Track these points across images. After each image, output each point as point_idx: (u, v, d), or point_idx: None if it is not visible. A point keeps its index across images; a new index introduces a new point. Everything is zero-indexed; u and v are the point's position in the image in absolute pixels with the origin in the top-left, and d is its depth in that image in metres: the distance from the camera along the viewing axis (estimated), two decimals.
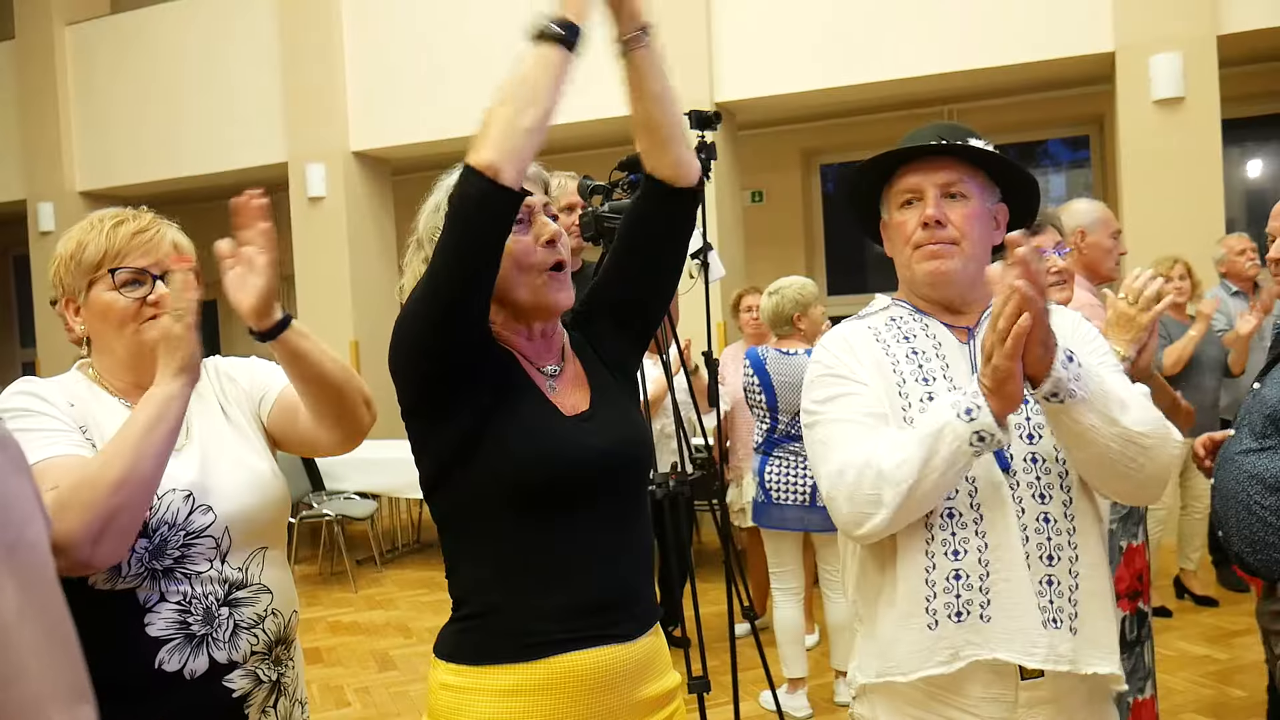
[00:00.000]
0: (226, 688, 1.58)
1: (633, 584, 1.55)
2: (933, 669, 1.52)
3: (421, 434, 1.52)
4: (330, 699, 4.52)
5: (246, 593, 1.62)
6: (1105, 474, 1.53)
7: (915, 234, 1.64)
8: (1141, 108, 6.31)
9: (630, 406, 1.66)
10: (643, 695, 1.53)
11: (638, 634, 1.53)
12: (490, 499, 1.46)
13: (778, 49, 7.24)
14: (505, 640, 1.46)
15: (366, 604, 6.14)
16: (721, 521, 3.57)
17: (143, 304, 1.60)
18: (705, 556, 6.38)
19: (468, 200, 1.37)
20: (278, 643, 1.66)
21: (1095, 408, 1.46)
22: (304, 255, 8.65)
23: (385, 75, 8.28)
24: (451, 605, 1.56)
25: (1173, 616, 4.96)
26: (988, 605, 1.52)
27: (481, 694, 1.46)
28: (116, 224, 1.62)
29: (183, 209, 9.81)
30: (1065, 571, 1.55)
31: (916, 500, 1.49)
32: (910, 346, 1.67)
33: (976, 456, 1.48)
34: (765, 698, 3.94)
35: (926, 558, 1.55)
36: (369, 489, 6.76)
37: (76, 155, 9.55)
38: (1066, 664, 1.52)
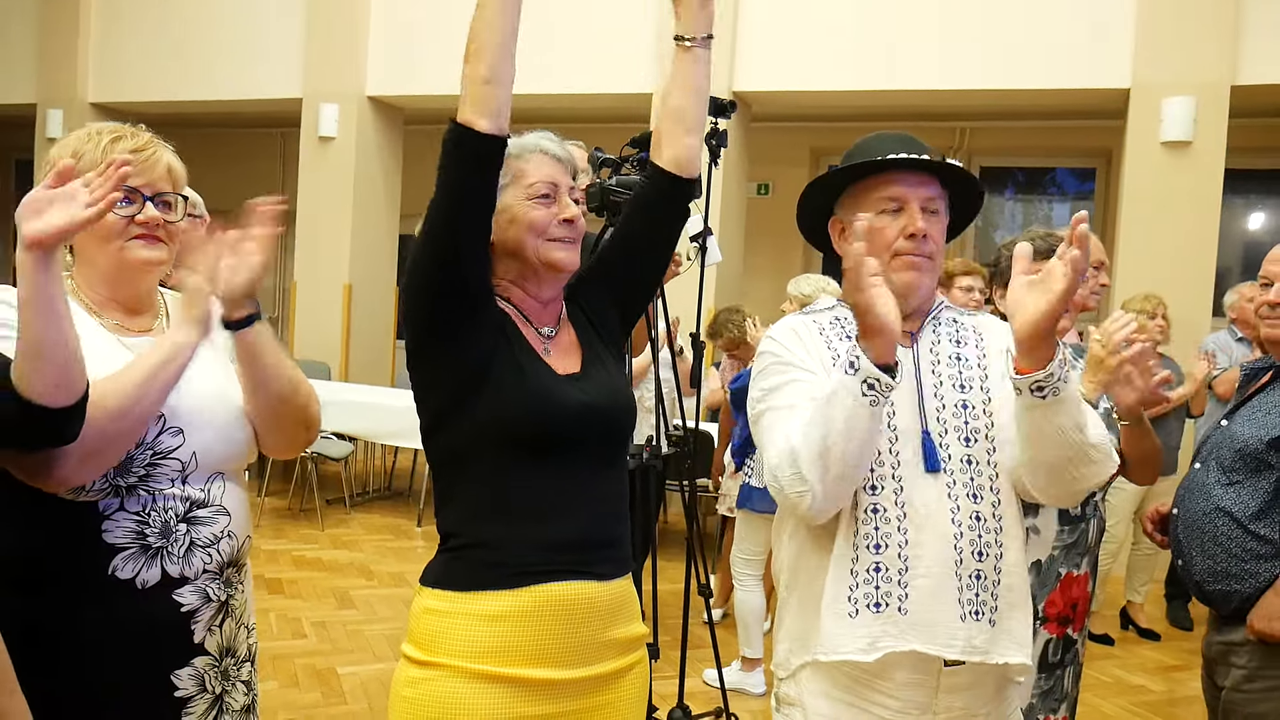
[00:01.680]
0: (176, 601, 1.62)
1: (610, 530, 1.67)
2: (852, 654, 1.60)
3: (425, 378, 1.64)
4: (287, 629, 4.61)
5: (206, 512, 1.65)
6: (1050, 475, 1.64)
7: (898, 242, 1.69)
8: (1149, 147, 6.39)
9: (617, 373, 1.77)
10: (613, 635, 1.64)
11: (614, 575, 1.65)
12: (484, 443, 1.58)
13: (800, 46, 7.28)
14: (491, 570, 1.57)
15: (331, 542, 6.22)
16: (689, 500, 3.66)
17: (130, 222, 1.61)
18: (672, 536, 6.48)
19: (447, 150, 1.53)
20: (229, 564, 1.70)
21: (1070, 412, 1.55)
22: (308, 194, 8.66)
23: (408, 23, 8.28)
24: (440, 539, 1.66)
25: (1114, 645, 5.09)
26: (906, 599, 1.60)
27: (465, 617, 1.56)
28: (114, 139, 1.63)
29: (192, 132, 9.81)
30: (991, 567, 1.64)
31: (835, 465, 1.54)
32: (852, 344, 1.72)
33: (875, 406, 1.54)
34: (710, 675, 4.05)
35: (851, 549, 1.63)
36: (347, 431, 6.82)
37: (91, 66, 9.51)
38: (979, 655, 1.62)
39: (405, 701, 1.59)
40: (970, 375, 1.73)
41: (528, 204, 1.65)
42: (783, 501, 1.65)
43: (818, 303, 1.87)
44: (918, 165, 1.72)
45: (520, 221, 1.65)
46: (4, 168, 12.41)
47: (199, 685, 1.67)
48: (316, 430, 1.81)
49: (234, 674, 1.74)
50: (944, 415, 1.69)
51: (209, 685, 1.68)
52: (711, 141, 3.61)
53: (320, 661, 4.26)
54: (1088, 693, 4.38)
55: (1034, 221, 9.08)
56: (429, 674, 1.57)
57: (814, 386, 1.66)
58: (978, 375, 1.73)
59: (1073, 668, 2.57)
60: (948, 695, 1.63)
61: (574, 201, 1.70)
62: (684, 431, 3.57)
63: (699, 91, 1.73)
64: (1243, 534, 2.14)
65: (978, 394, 1.71)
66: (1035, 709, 2.50)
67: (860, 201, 1.74)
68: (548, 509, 1.59)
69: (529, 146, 1.68)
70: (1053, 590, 2.49)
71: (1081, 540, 2.53)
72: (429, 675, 1.57)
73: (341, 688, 4.00)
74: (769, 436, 1.67)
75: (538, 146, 1.68)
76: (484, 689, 1.54)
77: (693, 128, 1.74)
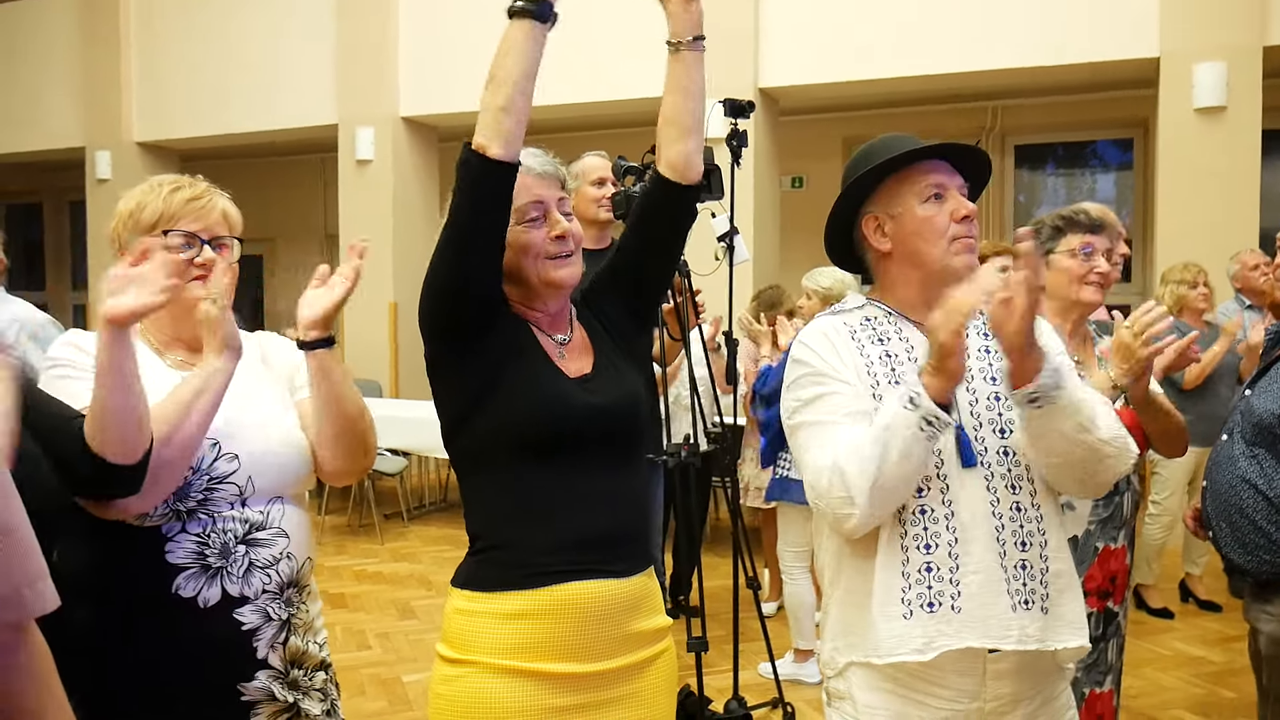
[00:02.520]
0: (237, 620, 1.70)
1: (628, 526, 1.72)
2: (908, 655, 1.62)
3: (443, 385, 1.71)
4: (352, 642, 4.74)
5: (265, 534, 1.74)
6: (1063, 475, 1.68)
7: (953, 228, 1.71)
8: (1183, 114, 6.32)
9: (629, 371, 1.82)
10: (634, 629, 1.70)
11: (631, 572, 1.70)
12: (500, 446, 1.66)
13: (824, 38, 7.29)
14: (512, 570, 1.64)
15: (391, 556, 6.37)
16: (731, 497, 3.72)
17: (190, 264, 1.72)
18: (721, 533, 6.53)
19: (460, 171, 1.60)
20: (289, 585, 1.77)
21: (1069, 416, 1.59)
22: (349, 216, 8.85)
23: (437, 43, 8.42)
24: (469, 541, 1.73)
25: (1174, 619, 5.05)
26: (958, 596, 1.62)
27: (490, 617, 1.64)
28: (174, 189, 1.76)
29: (235, 163, 10.06)
30: (1037, 556, 1.66)
31: (885, 493, 1.59)
32: (884, 349, 1.74)
33: (931, 440, 1.58)
34: (764, 668, 4.10)
35: (901, 551, 1.64)
36: (400, 446, 6.95)
37: (135, 106, 9.79)
38: (1035, 643, 1.64)
39: (441, 699, 1.67)
40: (1001, 367, 1.73)
41: (519, 228, 1.70)
42: (824, 516, 1.68)
43: (846, 301, 1.86)
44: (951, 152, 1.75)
45: (515, 246, 1.70)
46: (58, 209, 12.80)
47: (267, 695, 1.75)
48: (373, 457, 1.89)
49: (305, 684, 1.81)
50: (978, 409, 1.71)
51: (278, 695, 1.76)
52: (732, 142, 3.67)
53: (385, 671, 4.38)
54: (1147, 667, 4.37)
55: (1078, 195, 9.00)
56: (460, 671, 1.64)
57: (850, 400, 1.68)
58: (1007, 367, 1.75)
59: (1115, 640, 2.59)
60: (995, 682, 1.66)
61: (565, 214, 1.74)
62: (722, 428, 3.63)
63: (690, 94, 1.74)
64: (1267, 506, 2.16)
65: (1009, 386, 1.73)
66: (1080, 683, 2.52)
67: (896, 195, 1.75)
68: (562, 509, 1.65)
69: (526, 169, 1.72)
70: (1091, 565, 2.52)
71: (1117, 514, 2.54)
72: (461, 672, 1.64)
73: (406, 695, 4.12)
74: (809, 453, 1.68)
75: (522, 167, 1.69)
76: (512, 683, 1.61)
77: (687, 131, 1.75)
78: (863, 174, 1.76)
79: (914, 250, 1.74)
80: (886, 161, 1.74)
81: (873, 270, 1.85)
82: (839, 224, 1.84)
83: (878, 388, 1.69)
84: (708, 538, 6.37)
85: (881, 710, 1.69)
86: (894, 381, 1.70)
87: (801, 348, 1.77)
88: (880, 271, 1.82)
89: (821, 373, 1.72)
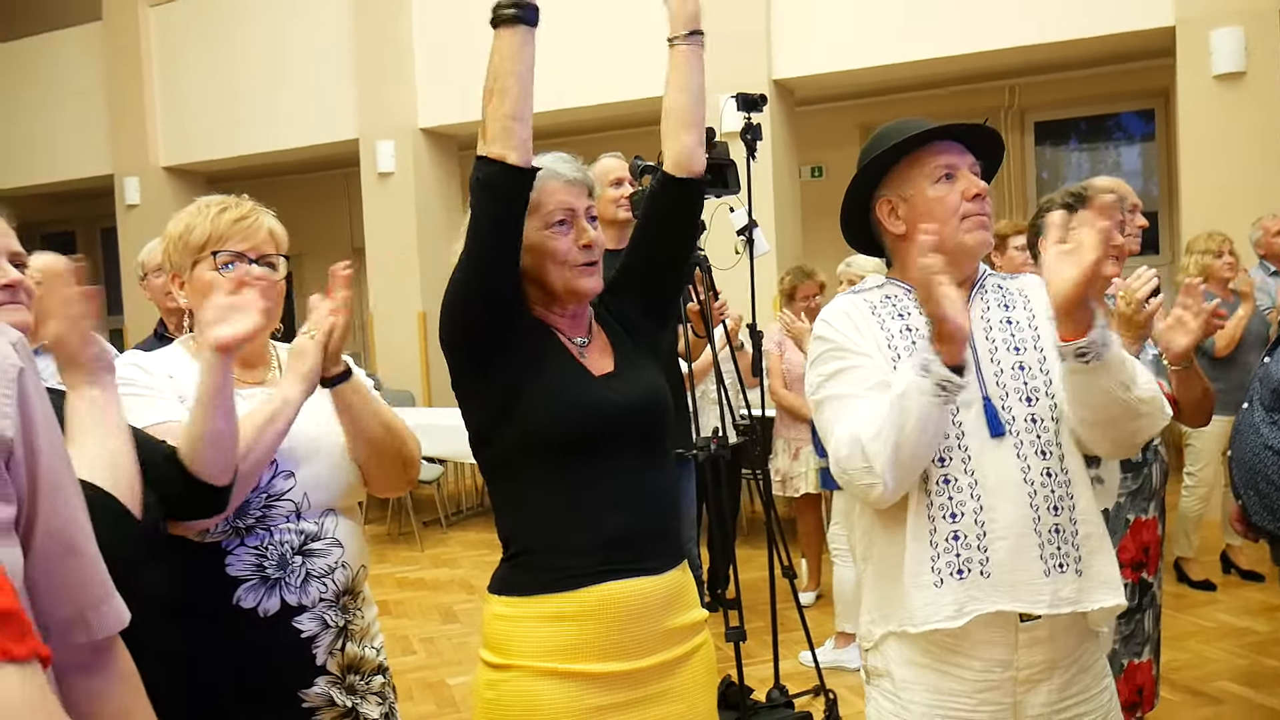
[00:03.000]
0: (295, 628, 1.75)
1: (659, 523, 1.75)
2: (941, 623, 1.65)
3: (468, 395, 1.74)
4: (397, 647, 4.81)
5: (320, 545, 1.79)
6: (1100, 433, 1.69)
7: (964, 206, 1.75)
8: (1202, 82, 6.26)
9: (650, 368, 1.84)
10: (671, 625, 1.73)
11: (664, 569, 1.73)
12: (530, 450, 1.68)
13: (836, 26, 7.29)
14: (548, 574, 1.67)
15: (432, 562, 6.45)
16: (762, 488, 3.75)
17: (240, 284, 1.76)
18: (756, 525, 6.55)
19: (481, 184, 1.62)
20: (345, 593, 1.83)
21: (1114, 374, 1.61)
22: (374, 229, 8.96)
23: (448, 53, 8.49)
24: (502, 547, 1.76)
25: (1217, 590, 5.02)
26: (986, 562, 1.65)
27: (529, 620, 1.67)
28: (221, 211, 1.80)
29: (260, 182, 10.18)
30: (1068, 519, 1.69)
31: (904, 460, 1.62)
32: (904, 324, 1.78)
33: (947, 405, 1.61)
34: (805, 657, 4.12)
35: (929, 521, 1.68)
36: (435, 454, 7.00)
37: (160, 132, 9.96)
38: (1069, 606, 1.66)
39: (487, 703, 1.70)
40: (1023, 336, 1.77)
41: (546, 234, 1.73)
42: (850, 489, 1.72)
43: (866, 280, 1.90)
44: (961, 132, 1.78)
45: (540, 250, 1.73)
46: (90, 236, 13.02)
47: (326, 700, 1.80)
48: (417, 470, 1.94)
49: (362, 688, 1.86)
50: (1003, 379, 1.73)
51: (338, 700, 1.81)
52: (746, 136, 3.69)
53: (430, 675, 4.45)
54: (1191, 640, 4.35)
55: (1102, 169, 8.92)
56: (505, 675, 1.67)
57: (872, 372, 1.71)
58: (1030, 336, 1.77)
59: (1151, 610, 2.60)
60: (1027, 650, 1.68)
61: (591, 221, 1.77)
62: (751, 420, 3.66)
63: (688, 89, 1.77)
64: None
65: (1033, 354, 1.75)
66: (1118, 654, 2.53)
67: (908, 177, 1.79)
68: (592, 511, 1.67)
69: (543, 175, 1.73)
70: (1123, 536, 2.53)
71: (1146, 485, 2.56)
72: (505, 676, 1.67)
73: (453, 697, 4.18)
74: (832, 426, 1.72)
75: (552, 173, 1.74)
76: (557, 685, 1.64)
77: (687, 125, 1.77)
78: (873, 159, 1.80)
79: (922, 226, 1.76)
80: (897, 144, 1.77)
81: (890, 252, 1.89)
82: (854, 209, 1.88)
83: (899, 361, 1.72)
84: (743, 531, 6.40)
85: (917, 685, 1.72)
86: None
87: (824, 325, 1.81)
88: (897, 252, 1.86)
89: (843, 348, 1.75)
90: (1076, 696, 1.72)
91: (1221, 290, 4.82)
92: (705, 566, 4.85)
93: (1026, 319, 1.80)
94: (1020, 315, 1.80)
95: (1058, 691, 1.71)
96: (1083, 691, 1.73)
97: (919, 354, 1.62)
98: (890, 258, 1.90)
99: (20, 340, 0.97)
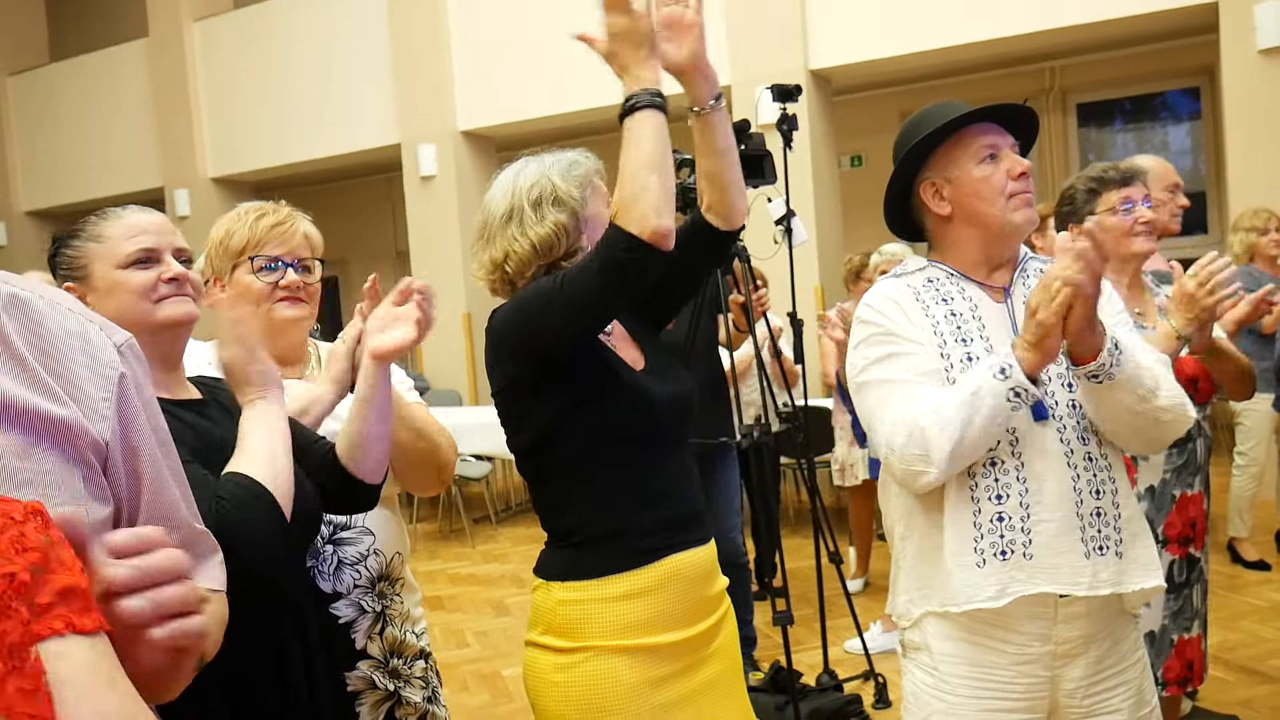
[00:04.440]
0: (333, 614, 1.81)
1: (696, 502, 1.84)
2: (982, 603, 1.68)
3: (523, 404, 1.77)
4: (452, 641, 4.91)
5: (350, 534, 1.86)
6: (1123, 438, 1.75)
7: (1010, 184, 1.77)
8: (1247, 57, 6.17)
9: (675, 363, 1.92)
10: (711, 592, 1.82)
11: (704, 541, 1.82)
12: (595, 446, 1.73)
13: (872, 14, 7.26)
14: (616, 555, 1.73)
15: (483, 558, 6.54)
16: (807, 475, 3.78)
17: (275, 287, 1.85)
18: (803, 514, 6.57)
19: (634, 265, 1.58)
20: (379, 579, 1.88)
21: (1128, 388, 1.65)
22: (417, 232, 9.08)
23: (489, 57, 8.60)
24: (556, 537, 1.80)
25: (1271, 570, 4.96)
26: (1029, 544, 1.68)
27: (602, 601, 1.72)
28: (259, 216, 1.87)
29: (305, 189, 10.34)
30: (1109, 503, 1.71)
31: (962, 455, 1.65)
32: (949, 308, 1.79)
33: (1014, 411, 1.64)
34: (852, 644, 4.14)
35: (972, 502, 1.70)
36: (483, 452, 7.11)
37: (207, 144, 10.18)
38: (1109, 587, 1.69)
39: (556, 687, 1.73)
40: None
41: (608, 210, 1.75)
42: (895, 473, 1.74)
43: (907, 264, 1.91)
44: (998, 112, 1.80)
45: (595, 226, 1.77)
46: None
47: (368, 684, 1.86)
48: (450, 473, 1.99)
49: (405, 672, 1.92)
50: None
51: (379, 683, 1.87)
52: (782, 127, 3.72)
53: (485, 666, 4.54)
54: (1245, 619, 4.31)
55: (1149, 149, 8.80)
56: (576, 658, 1.71)
57: (923, 360, 1.73)
58: None
59: (1199, 585, 2.60)
60: (1065, 625, 1.71)
61: None
62: (794, 409, 3.69)
63: (722, 153, 1.79)
64: None
65: None
66: (1168, 629, 2.54)
67: (952, 159, 1.80)
68: (655, 493, 1.75)
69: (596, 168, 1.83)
70: (1170, 512, 2.53)
71: (1191, 460, 2.55)
72: (576, 659, 1.71)
73: (508, 688, 4.26)
74: (881, 409, 1.73)
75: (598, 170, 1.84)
76: (629, 661, 1.70)
77: (725, 188, 1.80)
78: (917, 142, 1.81)
79: (973, 210, 1.79)
80: (940, 128, 1.78)
81: (932, 234, 1.90)
82: (896, 193, 1.90)
83: (945, 346, 1.75)
84: (790, 520, 6.42)
85: (957, 659, 1.74)
86: (960, 339, 1.75)
87: (868, 309, 1.82)
88: (940, 234, 1.88)
89: (891, 332, 1.77)
90: (1111, 669, 1.75)
91: (1269, 267, 4.75)
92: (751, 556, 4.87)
93: None
94: None
95: (1094, 665, 1.73)
96: (1116, 664, 1.76)
97: (1000, 357, 1.64)
98: (931, 240, 1.91)
99: (127, 342, 1.01)
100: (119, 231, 1.53)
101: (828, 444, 5.30)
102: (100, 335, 0.99)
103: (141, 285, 1.50)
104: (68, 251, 1.54)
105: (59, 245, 1.57)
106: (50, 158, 11.02)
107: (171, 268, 1.52)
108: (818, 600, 3.89)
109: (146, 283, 1.50)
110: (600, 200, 1.81)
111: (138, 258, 1.51)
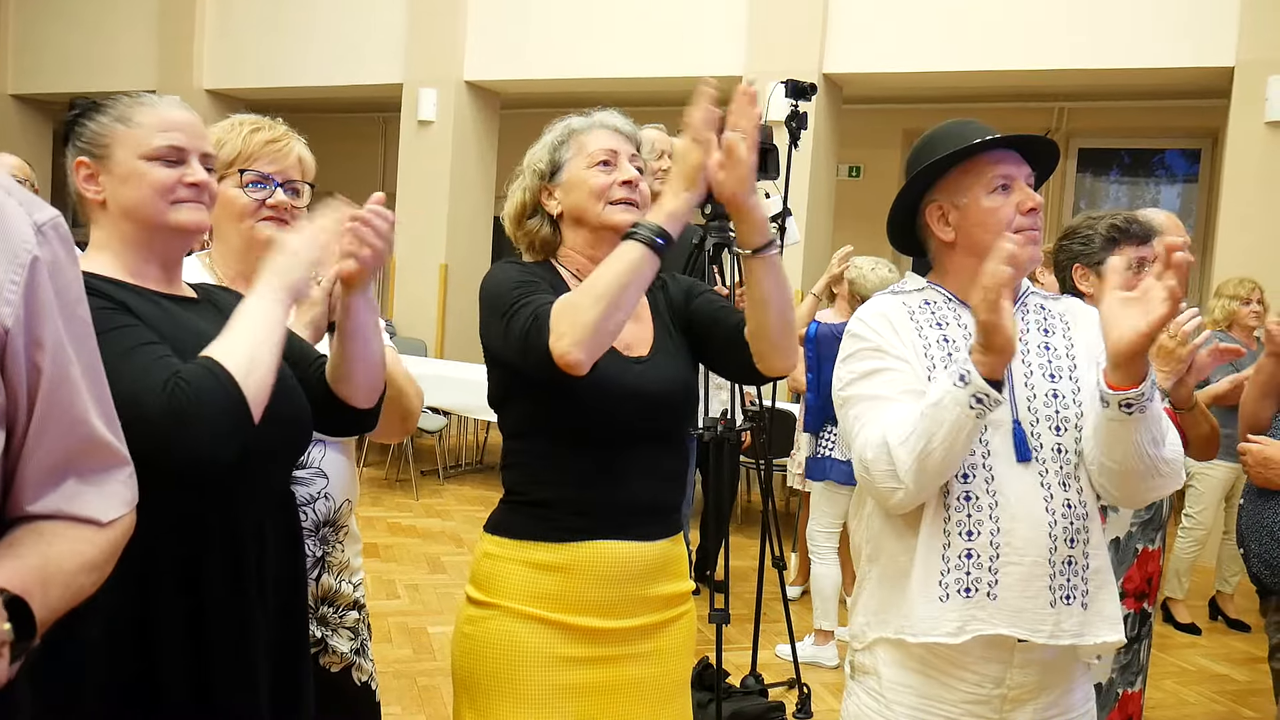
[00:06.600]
0: None
1: (660, 498, 1.78)
2: (940, 637, 1.64)
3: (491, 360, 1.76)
4: (382, 590, 4.85)
5: (304, 474, 1.81)
6: (1117, 483, 1.67)
7: (1017, 219, 1.70)
8: (1254, 127, 6.21)
9: (685, 358, 1.84)
10: (657, 592, 1.76)
11: (658, 537, 1.76)
12: (545, 424, 1.71)
13: (892, 27, 7.23)
14: (545, 524, 1.70)
15: (425, 511, 6.48)
16: (763, 476, 3.75)
17: (261, 205, 1.79)
18: (752, 514, 6.57)
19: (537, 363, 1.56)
20: (325, 524, 1.85)
21: (1151, 427, 1.59)
22: (407, 176, 8.94)
23: (506, 9, 8.47)
24: (505, 492, 1.79)
25: (1201, 635, 5.02)
26: (995, 585, 1.64)
27: (516, 563, 1.71)
28: (254, 130, 1.80)
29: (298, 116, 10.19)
30: (1081, 553, 1.68)
31: (930, 470, 1.59)
32: (942, 333, 1.75)
33: (980, 418, 1.58)
34: (783, 650, 4.14)
35: (943, 535, 1.66)
36: (441, 405, 7.04)
37: (206, 54, 9.94)
38: (1070, 638, 1.65)
39: (466, 638, 1.74)
40: (1060, 364, 1.74)
41: (588, 171, 1.74)
42: (870, 491, 1.71)
43: (905, 283, 1.86)
44: (1021, 143, 1.75)
45: (582, 187, 1.74)
46: None
47: None
48: (414, 422, 1.93)
49: (334, 620, 1.89)
50: (1035, 405, 1.71)
51: None
52: (791, 124, 3.68)
53: (412, 621, 4.49)
54: (1169, 680, 4.35)
55: (1139, 204, 8.79)
56: (486, 613, 1.71)
57: (907, 377, 1.69)
58: (1066, 364, 1.75)
59: (1147, 641, 2.60)
60: (1020, 670, 1.67)
61: (637, 169, 1.77)
62: (760, 408, 3.66)
63: (771, 301, 1.70)
64: None
65: (1067, 383, 1.73)
66: (1115, 683, 2.52)
67: (962, 184, 1.74)
68: (598, 480, 1.70)
69: (592, 123, 1.78)
70: (1130, 566, 2.52)
71: (1157, 516, 2.55)
72: (486, 614, 1.71)
73: (431, 645, 4.21)
74: (859, 426, 1.69)
75: (599, 121, 1.78)
76: (534, 629, 1.68)
77: (775, 342, 1.74)
78: (933, 162, 1.74)
79: (977, 241, 1.72)
80: (959, 151, 1.72)
81: (933, 257, 1.85)
82: (903, 209, 1.84)
83: (934, 370, 1.70)
84: (737, 519, 6.41)
85: (906, 689, 1.71)
86: (950, 366, 1.70)
87: (860, 324, 1.78)
88: (942, 258, 1.83)
89: (880, 348, 1.72)
90: (1059, 717, 1.72)
91: (1246, 338, 4.78)
92: (695, 546, 4.85)
93: (1065, 346, 1.77)
94: (1059, 341, 1.77)
95: (1041, 712, 1.70)
96: (1064, 713, 1.73)
97: (958, 364, 1.60)
98: (932, 262, 1.86)
99: (52, 221, 0.94)
100: (152, 121, 1.46)
101: (788, 448, 5.28)
102: (19, 211, 0.91)
103: (162, 182, 1.43)
104: (91, 125, 1.47)
105: (80, 114, 1.49)
106: (41, 43, 10.71)
107: (196, 172, 1.46)
108: (755, 602, 3.87)
109: (168, 181, 1.44)
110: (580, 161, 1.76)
111: (165, 154, 1.44)
